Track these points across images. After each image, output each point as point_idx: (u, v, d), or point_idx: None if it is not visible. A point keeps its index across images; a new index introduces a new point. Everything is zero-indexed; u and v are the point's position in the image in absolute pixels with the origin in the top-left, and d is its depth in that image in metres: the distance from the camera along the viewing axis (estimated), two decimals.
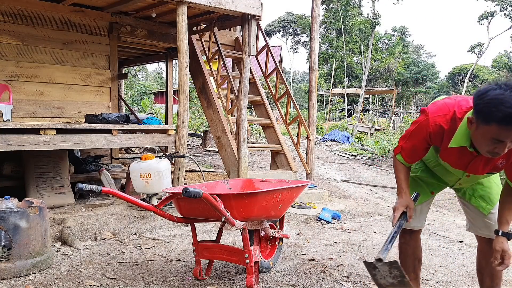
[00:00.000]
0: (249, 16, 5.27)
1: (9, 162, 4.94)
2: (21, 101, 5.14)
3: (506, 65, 30.69)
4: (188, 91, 4.81)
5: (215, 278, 2.93)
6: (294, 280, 2.94)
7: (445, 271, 3.24)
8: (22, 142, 3.88)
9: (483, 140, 1.84)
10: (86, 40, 5.68)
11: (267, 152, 10.44)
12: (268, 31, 42.73)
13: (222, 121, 5.86)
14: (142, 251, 3.55)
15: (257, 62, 6.62)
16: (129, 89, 23.15)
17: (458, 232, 4.65)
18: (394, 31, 38.51)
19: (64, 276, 2.94)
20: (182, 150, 4.74)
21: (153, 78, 37.23)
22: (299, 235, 4.22)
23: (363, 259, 3.48)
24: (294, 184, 2.96)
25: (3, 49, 4.99)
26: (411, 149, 2.18)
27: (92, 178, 5.40)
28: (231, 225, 2.45)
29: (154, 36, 6.31)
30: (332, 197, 6.36)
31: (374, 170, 11.14)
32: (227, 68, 5.96)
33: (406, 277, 1.89)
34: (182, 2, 4.61)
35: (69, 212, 4.36)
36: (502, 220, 2.08)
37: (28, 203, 3.06)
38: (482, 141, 1.85)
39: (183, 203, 2.64)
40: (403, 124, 19.90)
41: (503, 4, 30.42)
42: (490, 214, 2.27)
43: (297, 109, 6.55)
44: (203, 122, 17.99)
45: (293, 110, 17.58)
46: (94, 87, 5.81)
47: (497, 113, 1.71)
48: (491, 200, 2.28)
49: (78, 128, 4.39)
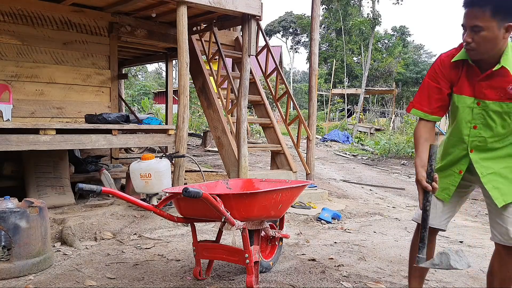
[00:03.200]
0: (249, 16, 5.27)
1: (9, 162, 4.94)
2: (21, 101, 5.14)
3: None
4: (188, 91, 4.80)
5: (215, 278, 2.93)
6: (294, 280, 2.94)
7: (445, 271, 3.23)
8: (22, 142, 3.88)
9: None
10: (86, 40, 5.68)
11: (267, 152, 10.43)
12: (268, 31, 42.73)
13: (222, 121, 5.86)
14: (142, 251, 3.55)
15: (257, 62, 6.62)
16: (129, 89, 23.16)
17: (458, 232, 4.65)
18: (394, 31, 38.52)
19: (64, 276, 2.94)
20: (182, 150, 4.74)
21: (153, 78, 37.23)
22: (299, 235, 4.22)
23: (363, 259, 3.48)
24: (294, 184, 2.96)
25: (3, 49, 4.99)
26: (421, 94, 2.16)
27: (92, 178, 5.40)
28: (231, 225, 2.45)
29: (154, 36, 6.31)
30: (332, 197, 6.36)
31: (374, 170, 11.14)
32: (227, 68, 5.96)
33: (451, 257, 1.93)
34: (182, 2, 4.61)
35: (69, 212, 4.36)
36: None
37: (28, 203, 3.06)
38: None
39: (183, 203, 2.64)
40: (403, 124, 19.91)
41: None
42: (506, 208, 2.06)
43: (297, 109, 6.55)
44: (203, 122, 18.00)
45: (293, 110, 17.58)
46: (94, 87, 5.81)
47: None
48: (507, 193, 2.06)
49: (78, 128, 4.38)
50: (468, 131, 2.10)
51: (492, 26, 1.87)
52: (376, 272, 3.17)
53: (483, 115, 2.04)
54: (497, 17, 1.85)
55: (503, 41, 1.92)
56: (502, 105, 1.99)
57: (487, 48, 1.93)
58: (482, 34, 1.89)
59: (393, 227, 4.66)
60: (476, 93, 2.03)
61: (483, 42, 1.91)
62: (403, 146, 14.15)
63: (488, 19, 1.85)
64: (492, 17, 1.85)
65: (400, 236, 4.31)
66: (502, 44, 1.93)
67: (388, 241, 4.08)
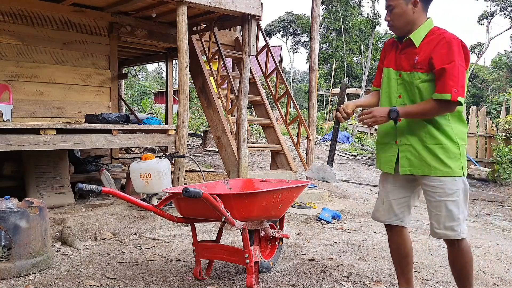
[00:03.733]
0: (249, 16, 5.27)
1: (9, 162, 4.94)
2: (21, 101, 5.14)
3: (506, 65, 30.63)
4: (188, 91, 4.80)
5: (215, 278, 2.93)
6: (294, 280, 2.94)
7: (445, 271, 3.24)
8: (22, 142, 3.88)
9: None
10: (86, 40, 5.68)
11: (267, 152, 10.43)
12: (268, 31, 42.71)
13: (222, 121, 5.85)
14: (142, 251, 3.55)
15: (257, 62, 6.62)
16: (129, 89, 23.16)
17: None
18: None
19: (64, 276, 2.94)
20: (182, 150, 4.74)
21: (153, 78, 37.24)
22: (299, 235, 4.22)
23: (363, 259, 3.48)
24: (294, 184, 2.96)
25: (3, 49, 4.99)
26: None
27: (92, 178, 5.40)
28: (231, 225, 2.45)
29: (154, 36, 6.31)
30: (332, 197, 6.36)
31: (374, 170, 11.13)
32: (227, 68, 5.95)
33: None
34: (182, 2, 4.61)
35: (69, 212, 4.36)
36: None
37: (28, 203, 3.06)
38: None
39: (183, 203, 2.64)
40: None
41: (503, 4, 30.44)
42: (430, 202, 2.24)
43: (297, 109, 6.55)
44: (203, 122, 17.99)
45: (293, 110, 17.57)
46: (94, 87, 5.81)
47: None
48: (416, 166, 2.23)
49: (78, 128, 4.38)
50: (396, 101, 2.30)
51: (400, 3, 2.20)
52: (376, 272, 3.17)
53: (404, 85, 2.26)
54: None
55: (415, 16, 2.20)
56: (410, 75, 2.23)
57: (401, 23, 2.23)
58: (395, 11, 2.22)
59: None
60: (397, 65, 2.29)
61: (397, 18, 2.23)
62: None
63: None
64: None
65: None
66: (415, 18, 2.21)
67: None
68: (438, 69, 2.10)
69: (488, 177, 9.57)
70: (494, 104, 13.23)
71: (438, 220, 2.21)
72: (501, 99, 12.67)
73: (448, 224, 2.18)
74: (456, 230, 2.18)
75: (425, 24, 2.21)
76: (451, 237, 2.21)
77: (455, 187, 2.18)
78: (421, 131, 2.21)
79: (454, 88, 2.07)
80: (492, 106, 13.22)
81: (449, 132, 2.18)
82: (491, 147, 10.59)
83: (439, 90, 2.10)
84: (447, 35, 2.13)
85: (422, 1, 2.19)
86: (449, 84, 2.07)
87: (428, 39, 2.18)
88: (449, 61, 2.08)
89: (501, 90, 23.27)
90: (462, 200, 2.20)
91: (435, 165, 2.17)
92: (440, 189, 2.18)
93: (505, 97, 12.11)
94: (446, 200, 2.17)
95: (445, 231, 2.20)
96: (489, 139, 10.91)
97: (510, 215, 6.41)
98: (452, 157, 2.17)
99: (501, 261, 3.60)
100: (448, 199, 2.17)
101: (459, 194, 2.19)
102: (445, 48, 2.10)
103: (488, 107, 13.14)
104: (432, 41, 2.16)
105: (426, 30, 2.20)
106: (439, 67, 2.10)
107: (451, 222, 2.18)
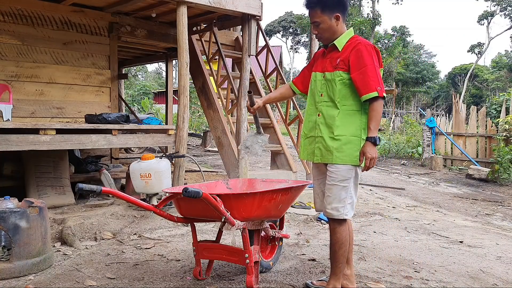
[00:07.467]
0: (249, 16, 5.27)
1: (9, 162, 4.94)
2: (21, 101, 5.14)
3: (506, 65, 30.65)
4: (188, 91, 4.81)
5: (215, 278, 2.93)
6: (294, 280, 2.94)
7: (445, 271, 3.24)
8: (22, 142, 3.88)
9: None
10: (86, 40, 5.68)
11: (267, 152, 10.43)
12: (268, 31, 42.74)
13: (222, 121, 5.86)
14: (142, 251, 3.55)
15: (257, 62, 6.62)
16: (129, 89, 23.17)
17: (458, 232, 4.65)
18: (394, 31, 38.46)
19: (64, 276, 2.94)
20: (182, 150, 4.74)
21: (153, 78, 37.24)
22: (299, 235, 4.22)
23: (363, 259, 3.48)
24: (294, 184, 2.96)
25: (3, 49, 4.99)
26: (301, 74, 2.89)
27: (92, 178, 5.40)
28: (231, 225, 2.45)
29: (154, 36, 6.31)
30: None
31: (374, 170, 11.13)
32: (227, 68, 5.96)
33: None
34: (182, 2, 4.61)
35: (69, 212, 4.36)
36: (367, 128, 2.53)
37: (28, 203, 3.06)
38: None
39: (183, 203, 2.64)
40: (403, 124, 19.91)
41: (503, 4, 30.44)
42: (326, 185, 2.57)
43: (297, 109, 6.56)
44: (203, 122, 18.00)
45: (293, 110, 17.57)
46: (94, 87, 5.81)
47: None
48: (324, 156, 2.55)
49: (78, 128, 4.38)
50: (318, 99, 2.62)
51: (324, 19, 2.53)
52: (376, 272, 3.17)
53: (326, 84, 2.58)
54: (325, 12, 2.52)
55: (338, 27, 2.55)
56: (332, 74, 2.54)
57: (328, 35, 2.58)
58: (321, 26, 2.56)
59: (393, 227, 4.65)
60: (323, 68, 2.62)
61: (323, 32, 2.58)
62: (403, 146, 14.15)
63: (320, 15, 2.53)
64: (322, 13, 2.52)
65: (400, 236, 4.31)
66: (338, 29, 2.56)
67: (388, 241, 4.08)
68: (356, 73, 2.45)
69: (488, 177, 9.56)
70: (494, 104, 13.23)
71: (327, 201, 2.56)
72: (501, 99, 12.66)
73: (335, 205, 2.52)
74: (340, 211, 2.52)
75: (347, 32, 2.59)
76: (335, 216, 2.54)
77: (348, 175, 2.52)
78: (331, 125, 2.55)
79: (377, 86, 2.42)
80: (492, 106, 13.22)
81: (354, 127, 2.53)
82: (491, 147, 10.59)
83: (366, 91, 2.43)
84: (361, 41, 2.51)
85: (342, 15, 2.55)
86: (371, 84, 2.42)
87: (348, 43, 2.55)
88: (364, 65, 2.44)
89: (501, 90, 23.29)
90: (352, 187, 2.54)
91: (336, 154, 2.52)
92: (335, 175, 2.53)
93: (505, 97, 12.10)
94: (337, 184, 2.53)
95: (331, 211, 2.54)
96: (489, 139, 10.91)
97: (510, 215, 6.41)
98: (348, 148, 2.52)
99: (501, 261, 3.60)
100: (340, 184, 2.52)
101: (350, 182, 2.52)
102: (359, 53, 2.46)
103: (488, 107, 13.14)
104: (351, 45, 2.53)
105: (347, 38, 2.57)
106: (356, 71, 2.45)
107: (337, 203, 2.51)
